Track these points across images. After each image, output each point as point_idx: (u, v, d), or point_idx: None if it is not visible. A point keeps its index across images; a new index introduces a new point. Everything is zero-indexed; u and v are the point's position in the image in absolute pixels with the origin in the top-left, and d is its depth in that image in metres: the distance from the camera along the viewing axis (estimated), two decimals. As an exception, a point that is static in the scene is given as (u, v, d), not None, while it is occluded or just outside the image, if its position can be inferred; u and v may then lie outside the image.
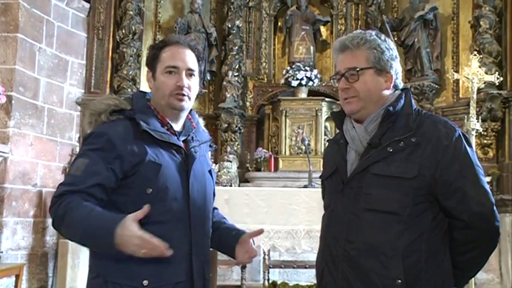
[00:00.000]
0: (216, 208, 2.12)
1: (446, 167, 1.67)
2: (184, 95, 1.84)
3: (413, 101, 1.81)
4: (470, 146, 1.74)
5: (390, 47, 1.80)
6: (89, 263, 1.87)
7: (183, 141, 1.88)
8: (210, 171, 1.99)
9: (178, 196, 1.78)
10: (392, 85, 1.79)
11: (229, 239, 1.98)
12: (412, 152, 1.68)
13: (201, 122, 2.03)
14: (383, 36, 1.82)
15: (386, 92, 1.78)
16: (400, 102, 1.77)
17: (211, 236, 1.97)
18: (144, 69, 2.45)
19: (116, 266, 1.70)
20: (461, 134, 1.73)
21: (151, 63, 1.89)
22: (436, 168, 1.67)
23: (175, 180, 1.78)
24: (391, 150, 1.69)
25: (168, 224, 1.75)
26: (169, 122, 1.87)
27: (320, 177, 1.99)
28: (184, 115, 1.91)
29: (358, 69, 1.75)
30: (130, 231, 1.58)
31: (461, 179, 1.67)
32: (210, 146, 2.01)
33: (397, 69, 1.81)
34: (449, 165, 1.67)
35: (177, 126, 1.90)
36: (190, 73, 1.86)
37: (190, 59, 1.87)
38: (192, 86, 1.87)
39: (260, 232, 1.99)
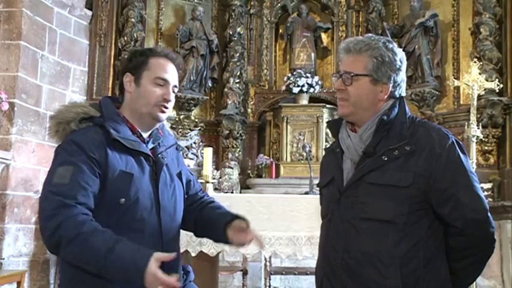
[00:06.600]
0: (204, 193, 2.13)
1: (439, 175, 1.67)
2: (167, 107, 1.88)
3: (407, 109, 1.81)
4: (464, 153, 1.73)
5: (394, 58, 1.78)
6: (62, 279, 1.82)
7: (150, 148, 1.89)
8: (180, 174, 1.99)
9: (149, 205, 1.79)
10: (388, 95, 1.78)
11: (219, 219, 1.98)
12: (406, 161, 1.68)
13: (166, 124, 2.04)
14: (391, 45, 1.80)
15: (381, 102, 1.78)
16: (394, 110, 1.77)
17: (202, 217, 2.01)
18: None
19: (90, 280, 1.68)
20: (454, 141, 1.73)
21: (137, 68, 1.87)
22: (430, 176, 1.67)
23: (146, 189, 1.79)
24: (385, 158, 1.69)
25: (139, 233, 1.76)
26: (139, 130, 1.88)
27: (317, 185, 2.00)
28: (157, 125, 1.93)
29: (353, 74, 1.76)
30: (156, 277, 1.56)
31: (454, 187, 1.67)
32: (177, 149, 2.02)
33: (397, 80, 1.79)
34: (443, 172, 1.67)
35: (145, 135, 1.91)
36: (173, 89, 1.91)
37: (176, 76, 1.92)
38: (173, 101, 1.91)
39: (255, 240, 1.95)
